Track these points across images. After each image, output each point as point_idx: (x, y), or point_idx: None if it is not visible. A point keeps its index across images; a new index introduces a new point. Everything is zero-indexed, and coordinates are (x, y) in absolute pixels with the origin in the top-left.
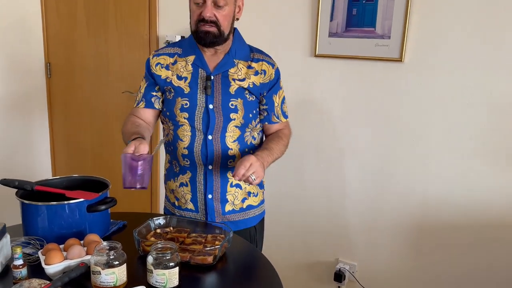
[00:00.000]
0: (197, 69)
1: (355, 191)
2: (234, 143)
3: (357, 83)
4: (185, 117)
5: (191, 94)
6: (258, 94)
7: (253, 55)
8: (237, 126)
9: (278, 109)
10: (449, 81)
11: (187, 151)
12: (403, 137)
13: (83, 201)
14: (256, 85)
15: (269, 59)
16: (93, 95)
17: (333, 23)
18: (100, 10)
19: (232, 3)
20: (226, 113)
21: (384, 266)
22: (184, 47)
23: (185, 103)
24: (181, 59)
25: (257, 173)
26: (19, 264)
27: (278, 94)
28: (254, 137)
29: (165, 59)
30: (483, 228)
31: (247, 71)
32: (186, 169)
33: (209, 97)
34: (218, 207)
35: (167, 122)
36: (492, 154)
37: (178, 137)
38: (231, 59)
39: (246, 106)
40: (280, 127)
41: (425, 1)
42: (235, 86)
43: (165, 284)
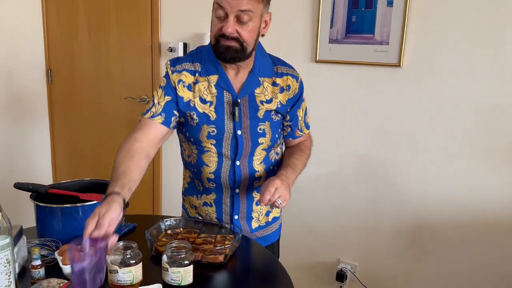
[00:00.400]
0: (222, 92)
1: (355, 193)
2: (260, 165)
3: (357, 87)
4: (212, 143)
5: (217, 121)
6: (284, 111)
7: (276, 68)
8: (264, 149)
9: (301, 122)
10: (446, 85)
11: (213, 175)
12: (402, 139)
13: (96, 203)
14: (283, 104)
15: (292, 72)
16: (93, 101)
17: (333, 30)
18: (101, 17)
19: (257, 18)
20: (255, 138)
21: (384, 266)
22: (204, 63)
23: (211, 130)
24: (202, 79)
25: (283, 196)
26: (37, 264)
27: (301, 108)
28: (277, 153)
29: (186, 76)
30: (481, 227)
31: (272, 89)
32: (211, 191)
33: (237, 123)
34: (245, 226)
35: (190, 145)
36: (488, 155)
37: (203, 162)
38: (256, 78)
39: (272, 127)
40: (302, 139)
41: (422, 9)
42: (263, 110)
43: (180, 282)
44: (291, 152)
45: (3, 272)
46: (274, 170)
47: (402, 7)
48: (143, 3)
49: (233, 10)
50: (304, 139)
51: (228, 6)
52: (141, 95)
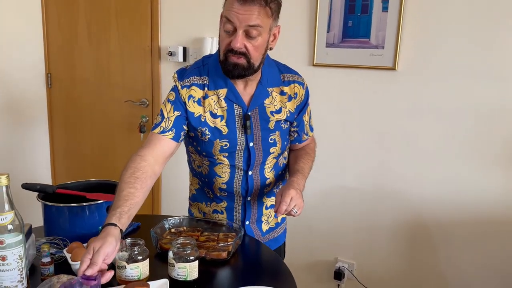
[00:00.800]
0: (232, 105)
1: (353, 193)
2: (271, 172)
3: (354, 90)
4: (225, 156)
5: (229, 135)
6: (292, 119)
7: (283, 76)
8: (274, 157)
9: (307, 126)
10: (439, 87)
11: (225, 186)
12: (398, 141)
13: (102, 203)
14: (292, 112)
15: (298, 78)
16: (93, 104)
17: (330, 34)
18: (101, 22)
19: (266, 32)
20: (266, 148)
21: (381, 264)
22: (211, 76)
23: (224, 144)
24: (211, 93)
25: (298, 205)
26: (47, 261)
27: (307, 112)
28: (285, 157)
29: (196, 91)
30: (477, 226)
31: (281, 98)
32: (223, 199)
33: (248, 135)
34: (256, 230)
35: (200, 156)
36: (483, 156)
37: (215, 173)
38: (264, 89)
39: (282, 136)
40: (307, 142)
41: (416, 14)
42: (273, 121)
43: (186, 277)
44: (298, 156)
45: (16, 267)
46: (282, 174)
47: (396, 13)
48: (143, 8)
49: (242, 25)
50: (308, 142)
51: (237, 20)
52: (141, 99)
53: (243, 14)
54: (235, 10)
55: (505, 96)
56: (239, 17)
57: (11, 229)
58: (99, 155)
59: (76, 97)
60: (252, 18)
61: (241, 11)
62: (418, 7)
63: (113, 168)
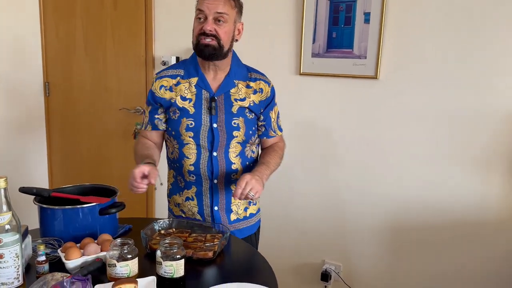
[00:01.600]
0: (201, 91)
1: (339, 197)
2: (237, 158)
3: (338, 98)
4: (190, 136)
5: (196, 115)
6: (258, 111)
7: (250, 74)
8: (239, 142)
9: (274, 123)
10: (418, 95)
11: (193, 167)
12: (381, 146)
13: (95, 205)
14: (256, 103)
15: (265, 78)
16: (89, 112)
17: (315, 45)
18: (98, 33)
19: (231, 22)
20: (229, 131)
21: (366, 266)
22: (186, 68)
23: (190, 123)
24: (184, 81)
25: (254, 188)
26: (42, 260)
27: (274, 110)
28: (253, 151)
29: (167, 81)
30: (455, 227)
31: (246, 90)
32: (192, 184)
33: (213, 116)
34: (224, 218)
35: (172, 141)
36: (460, 160)
37: (184, 155)
38: (231, 80)
39: (246, 123)
40: (275, 140)
41: (396, 26)
42: (236, 106)
43: (172, 274)
44: (265, 153)
45: (12, 265)
46: (250, 167)
47: (378, 25)
48: (138, 20)
49: (211, 12)
50: (277, 140)
51: (207, 9)
52: (136, 106)
53: (212, 3)
54: (205, 2)
55: (479, 103)
56: (209, 6)
57: (8, 229)
58: (95, 161)
59: (73, 105)
60: (219, 6)
61: (211, 1)
62: (398, 19)
63: (109, 173)
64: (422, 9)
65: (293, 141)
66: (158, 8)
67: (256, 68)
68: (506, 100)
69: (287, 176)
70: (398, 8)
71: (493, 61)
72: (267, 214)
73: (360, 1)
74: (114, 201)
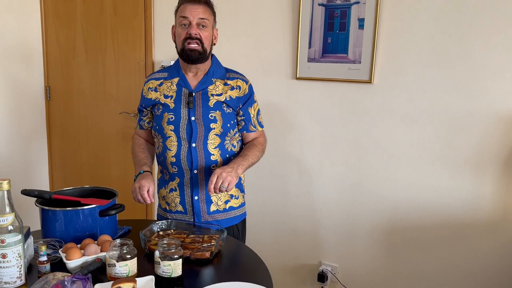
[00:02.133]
0: (181, 88)
1: (334, 199)
2: (215, 150)
3: (333, 101)
4: (171, 129)
5: (175, 109)
6: (235, 106)
7: (228, 74)
8: (217, 134)
9: (254, 119)
10: (411, 99)
11: (174, 159)
12: (374, 149)
13: (95, 207)
14: (233, 98)
15: (243, 77)
16: (89, 116)
17: (311, 50)
18: (98, 38)
19: (210, 27)
20: (207, 123)
21: (362, 266)
22: (170, 71)
23: (171, 117)
24: (167, 81)
25: (225, 181)
26: (43, 260)
27: (253, 107)
28: (233, 145)
29: (153, 83)
30: (450, 227)
31: (223, 87)
32: (175, 176)
33: (191, 110)
34: (203, 208)
35: (157, 136)
36: (450, 163)
37: (166, 147)
38: (209, 78)
39: (224, 117)
40: (256, 135)
41: (390, 32)
42: (213, 100)
43: (170, 274)
44: (246, 147)
45: (15, 265)
46: (230, 160)
47: (372, 31)
48: (138, 25)
49: (195, 18)
50: (258, 135)
51: (191, 15)
52: (135, 110)
53: (195, 10)
54: (188, 9)
55: (471, 106)
56: (192, 13)
57: (11, 230)
58: (95, 163)
59: (73, 108)
60: (201, 13)
61: (193, 9)
62: (391, 25)
63: (108, 176)
64: (415, 15)
65: (289, 143)
66: (157, 14)
67: (256, 71)
68: (497, 103)
69: (282, 178)
70: (391, 14)
71: (484, 65)
72: (262, 216)
73: (354, 8)
74: (114, 203)
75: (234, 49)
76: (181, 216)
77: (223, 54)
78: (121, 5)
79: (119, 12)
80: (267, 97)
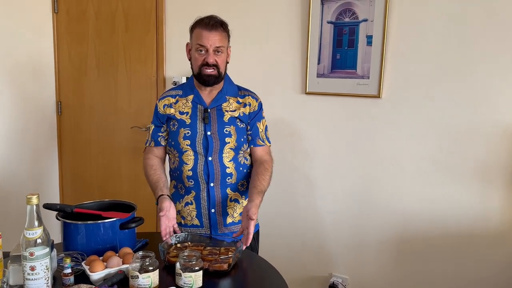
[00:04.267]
0: (196, 105)
1: (344, 212)
2: (230, 163)
3: (342, 116)
4: (187, 144)
5: (191, 124)
6: (247, 122)
7: (240, 92)
8: (231, 148)
9: (262, 134)
10: (418, 113)
11: (191, 172)
12: (383, 162)
13: (116, 220)
14: (246, 114)
15: (253, 94)
16: (100, 131)
17: (320, 66)
18: (109, 55)
19: (225, 51)
20: (222, 137)
21: (372, 277)
22: (184, 89)
23: (187, 132)
24: (182, 99)
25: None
26: (68, 272)
27: (261, 122)
28: (246, 158)
29: (169, 100)
30: (459, 239)
31: (236, 105)
32: (191, 189)
33: (207, 125)
34: (220, 220)
35: (172, 151)
36: (458, 175)
37: (183, 161)
38: (223, 96)
39: (238, 131)
40: (263, 151)
41: (397, 47)
42: (228, 116)
43: (191, 285)
44: (258, 173)
45: (43, 277)
46: (243, 173)
47: (380, 47)
48: (149, 42)
49: (212, 47)
50: (265, 152)
51: (208, 44)
52: (147, 124)
53: (212, 39)
54: (205, 37)
55: (478, 120)
56: (210, 41)
57: (39, 243)
58: (105, 178)
59: (84, 123)
60: (216, 41)
61: (210, 36)
62: (398, 42)
63: (119, 191)
64: (421, 32)
65: (298, 157)
66: (169, 30)
67: (266, 86)
68: (504, 116)
69: (291, 190)
70: (398, 31)
71: (491, 79)
72: (272, 229)
73: (362, 25)
74: (133, 216)
75: (244, 65)
76: (197, 231)
77: (234, 70)
78: (133, 22)
79: (131, 29)
80: (277, 111)
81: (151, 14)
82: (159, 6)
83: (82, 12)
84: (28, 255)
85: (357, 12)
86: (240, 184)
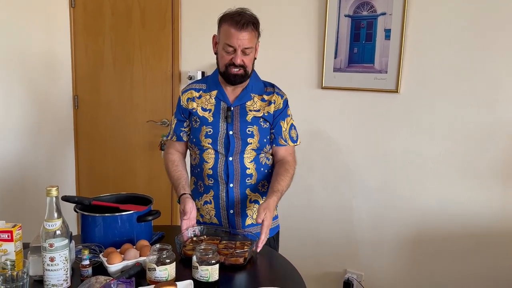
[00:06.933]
0: (219, 102)
1: (360, 208)
2: (251, 163)
3: (359, 111)
4: (209, 142)
5: (214, 123)
6: (271, 119)
7: (266, 89)
8: (253, 149)
9: (286, 133)
10: (437, 109)
11: (211, 171)
12: (401, 158)
13: (133, 213)
14: (270, 113)
15: (279, 91)
16: (116, 125)
17: (337, 60)
18: (126, 50)
19: (254, 48)
20: (244, 137)
21: (388, 274)
22: (208, 83)
23: (209, 130)
24: (205, 94)
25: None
26: (86, 264)
27: (286, 121)
28: (268, 158)
29: (191, 93)
30: (476, 238)
31: (261, 103)
32: (210, 188)
33: (229, 124)
34: (239, 221)
35: (193, 148)
36: (477, 173)
37: (203, 159)
38: (248, 93)
39: (261, 132)
40: (286, 152)
41: (416, 41)
42: (251, 115)
43: (208, 278)
44: (279, 173)
45: (62, 268)
46: (264, 173)
47: (398, 41)
48: (165, 37)
49: (240, 47)
50: (288, 153)
51: (237, 44)
52: (162, 119)
53: (241, 39)
54: (234, 37)
55: (497, 116)
56: (238, 42)
57: (58, 234)
58: (121, 172)
59: (100, 117)
60: (245, 42)
61: (240, 37)
62: (417, 36)
63: (134, 185)
64: (441, 26)
65: (314, 153)
66: (184, 26)
67: (281, 81)
68: None
69: (308, 187)
70: (417, 26)
71: (507, 78)
72: (288, 225)
73: (381, 19)
74: (150, 209)
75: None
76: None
77: None
78: (149, 18)
79: (147, 25)
80: (293, 106)
81: (167, 9)
82: (175, 1)
83: (98, 7)
84: (47, 246)
85: (375, 6)
86: (261, 185)
